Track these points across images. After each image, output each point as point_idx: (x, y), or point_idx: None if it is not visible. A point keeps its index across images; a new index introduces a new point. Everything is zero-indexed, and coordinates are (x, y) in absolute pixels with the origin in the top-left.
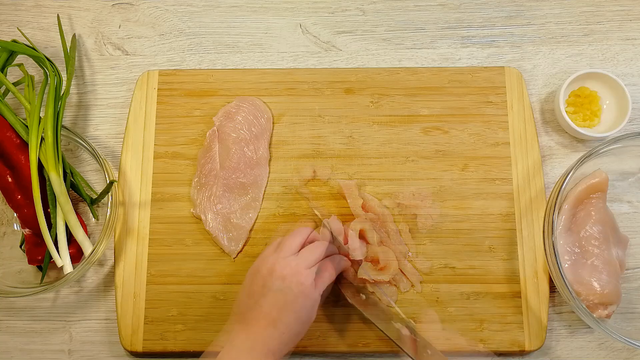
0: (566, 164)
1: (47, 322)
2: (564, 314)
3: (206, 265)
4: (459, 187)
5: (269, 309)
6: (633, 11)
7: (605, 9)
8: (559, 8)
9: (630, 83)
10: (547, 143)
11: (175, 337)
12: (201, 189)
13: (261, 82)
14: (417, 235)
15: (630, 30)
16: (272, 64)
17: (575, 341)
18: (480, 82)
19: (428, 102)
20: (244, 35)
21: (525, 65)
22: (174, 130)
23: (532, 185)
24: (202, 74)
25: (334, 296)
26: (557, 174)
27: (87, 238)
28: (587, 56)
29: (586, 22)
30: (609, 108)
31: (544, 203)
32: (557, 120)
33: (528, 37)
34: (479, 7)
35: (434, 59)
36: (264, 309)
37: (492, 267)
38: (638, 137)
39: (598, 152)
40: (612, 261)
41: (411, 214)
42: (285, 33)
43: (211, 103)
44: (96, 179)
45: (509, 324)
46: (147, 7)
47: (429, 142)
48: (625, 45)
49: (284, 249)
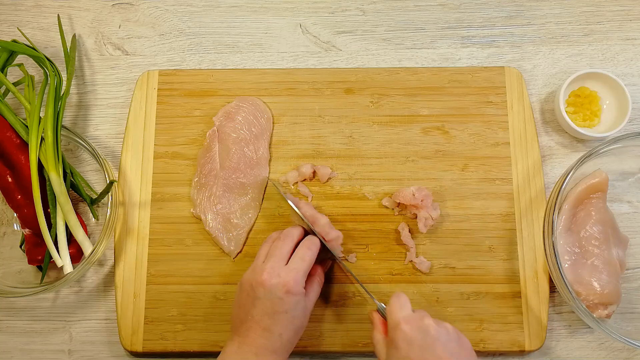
0: (566, 164)
1: (47, 322)
2: (564, 314)
3: (206, 265)
4: (459, 187)
5: (260, 317)
6: (633, 11)
7: (605, 9)
8: (559, 8)
9: (630, 83)
10: (547, 143)
11: (175, 337)
12: (201, 189)
13: (261, 82)
14: (417, 235)
15: (630, 30)
16: (272, 64)
17: (575, 341)
18: (480, 82)
19: (428, 102)
20: (243, 35)
21: (525, 65)
22: (174, 131)
23: (532, 185)
24: (202, 74)
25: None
26: (557, 174)
27: (87, 238)
28: (587, 56)
29: (586, 22)
30: (609, 108)
31: (544, 203)
32: (557, 120)
33: (528, 37)
34: (479, 7)
35: (434, 59)
36: (256, 318)
37: (492, 267)
38: (638, 137)
39: (598, 152)
40: (612, 261)
41: (411, 214)
42: (285, 33)
43: (211, 103)
44: (96, 179)
45: (509, 324)
46: (147, 7)
47: (429, 142)
48: (625, 45)
49: (274, 258)
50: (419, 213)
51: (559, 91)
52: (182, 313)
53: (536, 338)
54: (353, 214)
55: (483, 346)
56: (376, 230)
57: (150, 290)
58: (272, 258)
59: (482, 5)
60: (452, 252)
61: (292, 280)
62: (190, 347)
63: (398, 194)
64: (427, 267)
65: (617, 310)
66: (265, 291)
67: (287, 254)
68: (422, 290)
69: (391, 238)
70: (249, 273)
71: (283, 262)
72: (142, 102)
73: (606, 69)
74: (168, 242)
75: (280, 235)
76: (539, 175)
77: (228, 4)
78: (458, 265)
